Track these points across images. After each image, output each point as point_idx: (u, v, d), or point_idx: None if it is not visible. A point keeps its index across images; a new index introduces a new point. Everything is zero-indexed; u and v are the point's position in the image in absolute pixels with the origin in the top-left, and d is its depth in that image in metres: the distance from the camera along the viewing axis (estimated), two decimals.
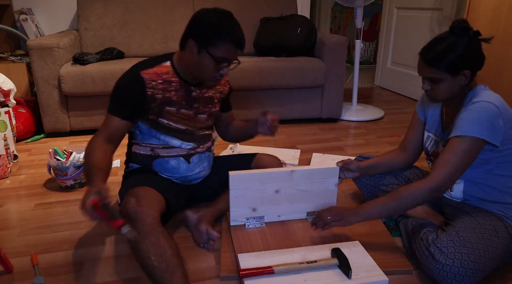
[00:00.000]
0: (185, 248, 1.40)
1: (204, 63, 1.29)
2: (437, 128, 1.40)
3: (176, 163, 1.46)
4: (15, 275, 1.26)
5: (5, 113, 2.05)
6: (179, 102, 1.40)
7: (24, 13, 2.86)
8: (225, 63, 1.32)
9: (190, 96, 1.42)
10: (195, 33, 1.28)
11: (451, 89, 1.23)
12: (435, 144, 1.40)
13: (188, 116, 1.44)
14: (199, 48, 1.28)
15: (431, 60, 1.21)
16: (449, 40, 1.19)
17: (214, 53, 1.27)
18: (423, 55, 1.23)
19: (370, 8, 5.05)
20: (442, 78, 1.21)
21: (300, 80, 2.68)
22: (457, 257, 1.11)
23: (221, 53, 1.27)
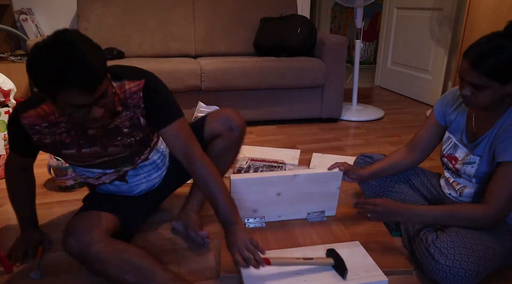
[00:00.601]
0: (185, 248, 1.40)
1: (65, 114, 1.02)
2: (461, 135, 1.33)
3: (114, 187, 1.35)
4: (15, 275, 1.26)
5: (5, 113, 2.05)
6: (75, 143, 1.17)
7: (24, 13, 2.86)
8: (82, 111, 0.98)
9: (86, 136, 1.16)
10: (37, 87, 0.97)
11: (494, 97, 1.11)
12: (454, 147, 1.35)
13: (95, 153, 1.21)
14: (51, 98, 0.98)
15: (477, 63, 1.07)
16: (503, 44, 1.05)
17: (61, 106, 0.98)
18: (469, 55, 1.09)
19: (370, 8, 5.05)
20: (488, 86, 1.08)
21: (300, 80, 2.68)
22: (457, 258, 1.11)
23: (68, 103, 0.96)
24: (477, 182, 1.28)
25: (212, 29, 2.98)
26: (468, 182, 1.31)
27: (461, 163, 1.31)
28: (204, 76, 2.55)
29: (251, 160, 2.08)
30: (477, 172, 1.26)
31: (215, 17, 2.99)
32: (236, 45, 3.03)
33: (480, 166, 1.24)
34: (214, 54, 2.94)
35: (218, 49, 3.00)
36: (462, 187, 1.34)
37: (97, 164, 1.26)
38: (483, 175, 1.24)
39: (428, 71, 3.42)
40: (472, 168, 1.27)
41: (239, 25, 3.03)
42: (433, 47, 3.32)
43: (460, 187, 1.34)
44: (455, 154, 1.34)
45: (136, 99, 1.17)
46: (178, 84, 2.49)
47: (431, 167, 1.73)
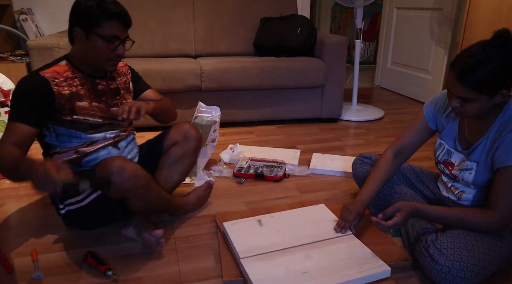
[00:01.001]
0: (185, 248, 1.40)
1: (96, 46, 1.29)
2: (454, 142, 1.32)
3: (106, 153, 1.43)
4: (15, 275, 1.26)
5: (5, 113, 2.05)
6: (88, 95, 1.37)
7: (24, 13, 2.86)
8: (117, 42, 1.31)
9: (96, 90, 1.40)
10: (78, 21, 1.28)
11: (484, 108, 1.12)
12: (448, 153, 1.35)
13: (101, 109, 1.41)
14: (86, 34, 1.28)
15: (463, 77, 1.06)
16: (489, 56, 1.04)
17: (101, 33, 1.27)
18: (455, 69, 1.08)
19: (370, 8, 5.05)
20: (475, 98, 1.08)
21: (300, 80, 2.68)
22: (457, 258, 1.10)
23: (108, 31, 1.27)
24: (476, 187, 1.28)
25: (212, 29, 2.98)
26: (467, 188, 1.31)
27: (458, 169, 1.31)
28: (204, 76, 2.55)
29: (251, 160, 2.08)
30: (475, 178, 1.25)
31: (215, 17, 2.99)
32: (236, 45, 3.03)
33: (478, 173, 1.24)
34: (214, 54, 2.94)
35: (218, 49, 3.00)
36: (460, 191, 1.33)
37: (102, 125, 1.41)
38: (482, 182, 1.24)
39: (428, 71, 3.42)
40: (470, 174, 1.26)
41: (239, 25, 3.03)
42: (433, 47, 3.32)
43: (458, 192, 1.34)
44: (451, 159, 1.34)
45: (124, 69, 1.57)
46: (178, 84, 2.49)
47: (430, 167, 1.73)
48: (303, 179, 1.97)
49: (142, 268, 1.29)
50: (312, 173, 2.04)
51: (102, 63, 1.34)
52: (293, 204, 1.70)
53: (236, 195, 1.79)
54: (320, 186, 1.89)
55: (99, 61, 1.33)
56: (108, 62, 1.34)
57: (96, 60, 1.33)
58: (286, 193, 1.82)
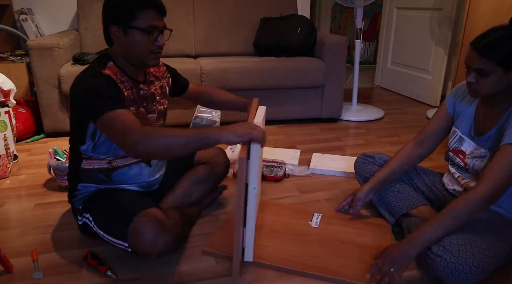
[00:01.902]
0: (185, 248, 1.40)
1: (135, 40, 1.22)
2: (469, 127, 1.34)
3: (138, 169, 1.38)
4: (15, 275, 1.26)
5: (5, 113, 2.05)
6: (135, 101, 1.32)
7: (24, 13, 2.86)
8: (156, 32, 1.24)
9: (139, 95, 1.34)
10: (113, 19, 1.22)
11: (498, 85, 1.16)
12: (459, 141, 1.36)
13: (143, 116, 1.36)
14: (124, 29, 1.22)
15: (484, 49, 1.13)
16: (506, 32, 1.13)
17: (139, 25, 1.21)
18: (476, 43, 1.15)
19: (370, 8, 5.05)
20: (492, 71, 1.13)
21: (300, 80, 2.68)
22: (462, 254, 1.10)
23: (146, 22, 1.21)
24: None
25: (212, 29, 2.98)
26: (475, 177, 1.32)
27: (471, 157, 1.32)
28: (204, 76, 2.55)
29: None
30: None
31: (215, 17, 2.99)
32: (236, 45, 3.03)
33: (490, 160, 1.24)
34: (214, 54, 2.94)
35: (218, 49, 3.00)
36: (467, 181, 1.34)
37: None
38: None
39: (428, 71, 3.42)
40: (482, 162, 1.27)
41: (239, 25, 3.03)
42: (433, 47, 3.32)
43: (465, 182, 1.35)
44: (461, 147, 1.35)
45: (161, 71, 1.49)
46: None
47: (430, 166, 1.73)
48: (303, 179, 1.97)
49: (142, 268, 1.29)
50: (312, 173, 2.04)
51: (145, 58, 1.26)
52: (293, 204, 1.70)
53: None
54: (320, 186, 1.89)
55: (142, 56, 1.26)
56: (150, 55, 1.26)
57: (138, 55, 1.26)
58: (286, 193, 1.82)
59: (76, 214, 1.40)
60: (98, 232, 1.30)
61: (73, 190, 1.39)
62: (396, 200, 1.51)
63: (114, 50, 1.29)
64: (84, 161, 1.33)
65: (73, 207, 1.42)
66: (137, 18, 1.20)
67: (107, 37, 1.28)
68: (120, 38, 1.24)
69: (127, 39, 1.23)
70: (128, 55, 1.27)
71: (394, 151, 1.62)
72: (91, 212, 1.33)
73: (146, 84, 1.37)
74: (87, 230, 1.36)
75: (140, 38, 1.22)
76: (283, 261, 1.29)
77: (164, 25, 1.27)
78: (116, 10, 1.22)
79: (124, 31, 1.22)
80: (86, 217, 1.34)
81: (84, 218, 1.35)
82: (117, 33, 1.23)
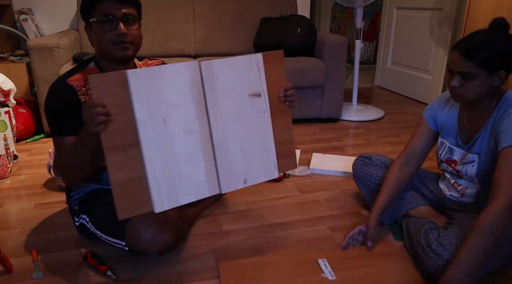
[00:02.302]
0: (185, 248, 1.40)
1: (96, 34, 1.20)
2: (456, 136, 1.34)
3: None
4: (15, 275, 1.26)
5: (5, 113, 2.05)
6: None
7: (24, 13, 2.86)
8: (114, 21, 1.17)
9: None
10: (83, 18, 1.23)
11: (482, 88, 1.16)
12: (449, 151, 1.36)
13: None
14: (89, 26, 1.22)
15: (469, 52, 1.13)
16: (488, 35, 1.14)
17: (96, 16, 1.19)
18: (459, 47, 1.16)
19: (370, 8, 5.05)
20: (477, 74, 1.14)
21: (300, 80, 2.68)
22: None
23: (102, 12, 1.18)
24: (480, 181, 1.28)
25: (212, 29, 2.98)
26: (471, 183, 1.32)
27: (461, 163, 1.32)
28: None
29: None
30: (478, 171, 1.26)
31: (215, 17, 2.99)
32: (236, 45, 3.03)
33: (480, 165, 1.25)
34: (214, 54, 2.94)
35: (218, 49, 3.00)
36: (464, 187, 1.34)
37: None
38: (485, 173, 1.24)
39: (428, 71, 3.41)
40: (473, 167, 1.27)
41: (239, 25, 3.03)
42: (433, 47, 3.32)
43: (462, 188, 1.34)
44: (453, 157, 1.35)
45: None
46: None
47: (430, 166, 1.73)
48: (303, 179, 1.97)
49: (142, 268, 1.29)
50: (312, 173, 2.04)
51: (110, 50, 1.21)
52: (293, 204, 1.70)
53: (236, 195, 1.79)
54: (320, 186, 1.89)
55: (107, 49, 1.21)
56: (115, 47, 1.20)
57: (104, 49, 1.22)
58: (286, 193, 1.82)
59: (73, 215, 1.40)
60: (96, 232, 1.30)
61: (69, 190, 1.39)
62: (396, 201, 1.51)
63: (94, 50, 1.29)
64: None
65: (70, 208, 1.42)
66: (95, 11, 1.19)
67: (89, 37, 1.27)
68: (90, 37, 1.25)
69: (92, 33, 1.23)
70: (99, 52, 1.26)
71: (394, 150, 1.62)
72: (88, 213, 1.33)
73: None
74: (84, 231, 1.36)
75: (99, 30, 1.19)
76: None
77: (125, 12, 1.19)
78: (82, 8, 1.22)
79: (90, 27, 1.23)
80: (83, 218, 1.34)
81: (81, 219, 1.35)
82: (87, 31, 1.24)
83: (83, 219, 1.34)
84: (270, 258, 1.34)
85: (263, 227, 1.54)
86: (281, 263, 1.31)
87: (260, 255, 1.36)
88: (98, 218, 1.31)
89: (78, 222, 1.36)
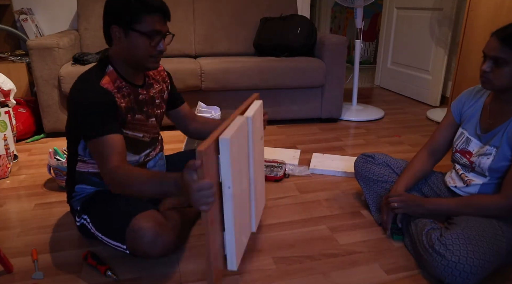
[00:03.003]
0: (185, 248, 1.40)
1: (137, 44, 1.19)
2: (475, 126, 1.36)
3: None
4: (15, 275, 1.26)
5: (5, 113, 2.05)
6: (132, 107, 1.29)
7: (24, 13, 2.86)
8: (158, 37, 1.21)
9: (138, 100, 1.31)
10: (114, 18, 1.18)
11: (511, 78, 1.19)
12: (466, 142, 1.37)
13: (141, 122, 1.34)
14: (125, 31, 1.18)
15: (507, 38, 1.15)
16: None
17: (142, 29, 1.17)
18: (499, 32, 1.18)
19: (370, 8, 5.05)
20: (509, 61, 1.16)
21: (300, 80, 2.68)
22: (463, 254, 1.11)
23: (149, 26, 1.17)
24: (490, 175, 1.29)
25: (212, 29, 2.98)
26: (479, 176, 1.33)
27: (477, 155, 1.32)
28: (204, 76, 2.55)
29: None
30: (492, 164, 1.27)
31: (215, 17, 2.99)
32: (236, 45, 3.03)
33: (497, 158, 1.26)
34: (214, 54, 2.94)
35: (218, 49, 3.00)
36: (470, 179, 1.34)
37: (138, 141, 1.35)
38: (499, 168, 1.26)
39: (428, 71, 3.41)
40: (488, 159, 1.28)
41: (239, 25, 3.03)
42: (433, 47, 3.32)
43: (468, 179, 1.35)
44: (468, 148, 1.36)
45: (162, 75, 1.47)
46: (178, 84, 2.49)
47: None
48: (303, 179, 1.97)
49: (142, 268, 1.29)
50: (312, 173, 2.04)
51: (144, 61, 1.23)
52: (293, 204, 1.70)
53: None
54: (320, 186, 1.89)
55: (141, 60, 1.22)
56: (150, 59, 1.23)
57: (138, 59, 1.22)
58: (286, 193, 1.82)
59: (74, 214, 1.40)
60: (96, 234, 1.30)
61: (71, 191, 1.39)
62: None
63: (113, 51, 1.26)
64: (79, 163, 1.33)
65: (71, 208, 1.42)
66: (141, 22, 1.17)
67: (107, 36, 1.24)
68: (120, 39, 1.21)
69: (127, 41, 1.20)
70: (127, 57, 1.24)
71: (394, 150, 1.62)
72: (89, 214, 1.33)
73: (145, 88, 1.35)
74: (85, 232, 1.37)
75: (142, 42, 1.19)
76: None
77: (167, 29, 1.24)
78: (119, 10, 1.17)
79: (125, 32, 1.19)
80: (84, 218, 1.34)
81: (82, 220, 1.35)
82: (117, 34, 1.20)
83: (84, 220, 1.34)
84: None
85: (263, 227, 1.54)
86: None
87: (260, 256, 1.36)
88: (99, 220, 1.30)
89: (79, 222, 1.36)
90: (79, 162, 1.33)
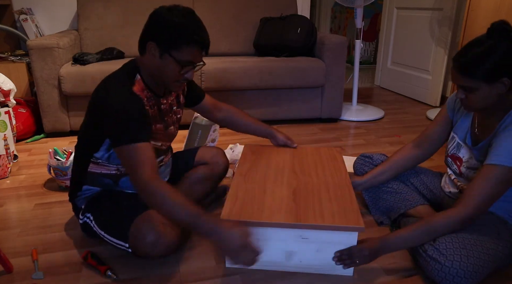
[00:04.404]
0: (185, 248, 1.40)
1: (168, 67, 1.19)
2: (465, 135, 1.33)
3: None
4: (15, 275, 1.26)
5: (5, 113, 2.05)
6: (155, 117, 1.31)
7: (24, 13, 2.86)
8: (190, 67, 1.21)
9: (160, 110, 1.33)
10: (156, 36, 1.16)
11: (487, 98, 1.14)
12: (457, 147, 1.35)
13: (160, 131, 1.35)
14: (161, 52, 1.17)
15: (463, 68, 1.11)
16: (486, 45, 1.08)
17: (178, 57, 1.17)
18: (455, 62, 1.14)
19: (370, 8, 5.05)
20: (476, 87, 1.12)
21: (300, 80, 2.68)
22: (456, 258, 1.10)
23: (186, 57, 1.18)
24: None
25: (212, 29, 2.98)
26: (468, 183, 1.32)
27: (465, 167, 1.32)
28: (204, 76, 2.55)
29: None
30: None
31: (215, 17, 2.99)
32: (236, 45, 3.03)
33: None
34: (214, 54, 2.94)
35: (218, 49, 3.00)
36: (462, 184, 1.34)
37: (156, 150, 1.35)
38: None
39: (428, 71, 3.42)
40: (474, 173, 1.27)
41: (239, 25, 3.03)
42: (433, 47, 3.32)
43: (460, 184, 1.35)
44: (459, 153, 1.35)
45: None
46: None
47: (430, 166, 1.73)
48: None
49: (142, 268, 1.29)
50: None
51: (169, 84, 1.25)
52: None
53: None
54: None
55: (167, 81, 1.24)
56: (175, 83, 1.24)
57: (164, 79, 1.23)
58: None
59: (77, 213, 1.40)
60: (99, 232, 1.30)
61: (77, 189, 1.38)
62: (394, 200, 1.51)
63: (143, 62, 1.25)
64: (91, 164, 1.33)
65: (74, 205, 1.42)
66: (178, 50, 1.16)
67: (142, 46, 1.22)
68: (154, 56, 1.20)
69: (160, 61, 1.19)
70: (155, 73, 1.24)
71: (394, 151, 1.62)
72: (93, 212, 1.33)
73: (165, 98, 1.36)
74: (87, 230, 1.37)
75: (172, 68, 1.19)
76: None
77: (201, 60, 1.24)
78: (162, 31, 1.16)
79: (160, 53, 1.18)
80: (88, 216, 1.34)
81: (85, 218, 1.35)
82: (153, 51, 1.19)
83: (87, 218, 1.34)
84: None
85: None
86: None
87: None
88: (103, 218, 1.31)
89: (82, 220, 1.36)
90: (92, 163, 1.32)
